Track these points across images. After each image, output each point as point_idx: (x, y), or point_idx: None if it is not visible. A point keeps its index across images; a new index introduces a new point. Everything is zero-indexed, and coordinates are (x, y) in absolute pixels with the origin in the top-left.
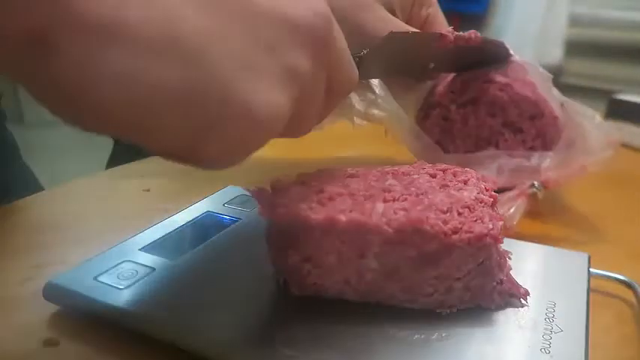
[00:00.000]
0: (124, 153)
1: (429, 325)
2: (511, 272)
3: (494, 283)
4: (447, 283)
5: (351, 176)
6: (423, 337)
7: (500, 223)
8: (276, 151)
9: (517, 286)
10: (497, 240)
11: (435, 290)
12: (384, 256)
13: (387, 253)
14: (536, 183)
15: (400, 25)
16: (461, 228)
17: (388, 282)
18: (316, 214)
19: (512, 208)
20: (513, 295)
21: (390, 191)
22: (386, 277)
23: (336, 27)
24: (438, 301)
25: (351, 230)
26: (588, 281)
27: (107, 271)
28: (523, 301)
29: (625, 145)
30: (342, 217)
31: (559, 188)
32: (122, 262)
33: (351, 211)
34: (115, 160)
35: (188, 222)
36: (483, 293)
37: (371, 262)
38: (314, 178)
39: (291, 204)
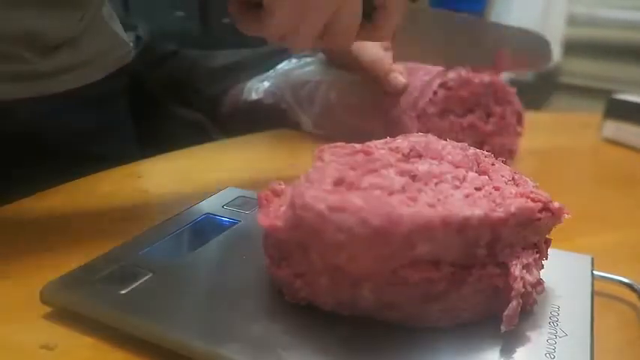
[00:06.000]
0: None
1: (432, 332)
2: None
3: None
4: (454, 313)
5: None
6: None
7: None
8: (275, 152)
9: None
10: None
11: (440, 319)
12: (380, 292)
13: (383, 290)
14: None
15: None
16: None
17: (386, 312)
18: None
19: None
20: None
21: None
22: (383, 308)
23: None
24: (442, 326)
25: None
26: (592, 284)
27: (106, 274)
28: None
29: (625, 145)
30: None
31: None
32: (121, 265)
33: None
34: None
35: (187, 224)
36: (490, 313)
37: (365, 292)
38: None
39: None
